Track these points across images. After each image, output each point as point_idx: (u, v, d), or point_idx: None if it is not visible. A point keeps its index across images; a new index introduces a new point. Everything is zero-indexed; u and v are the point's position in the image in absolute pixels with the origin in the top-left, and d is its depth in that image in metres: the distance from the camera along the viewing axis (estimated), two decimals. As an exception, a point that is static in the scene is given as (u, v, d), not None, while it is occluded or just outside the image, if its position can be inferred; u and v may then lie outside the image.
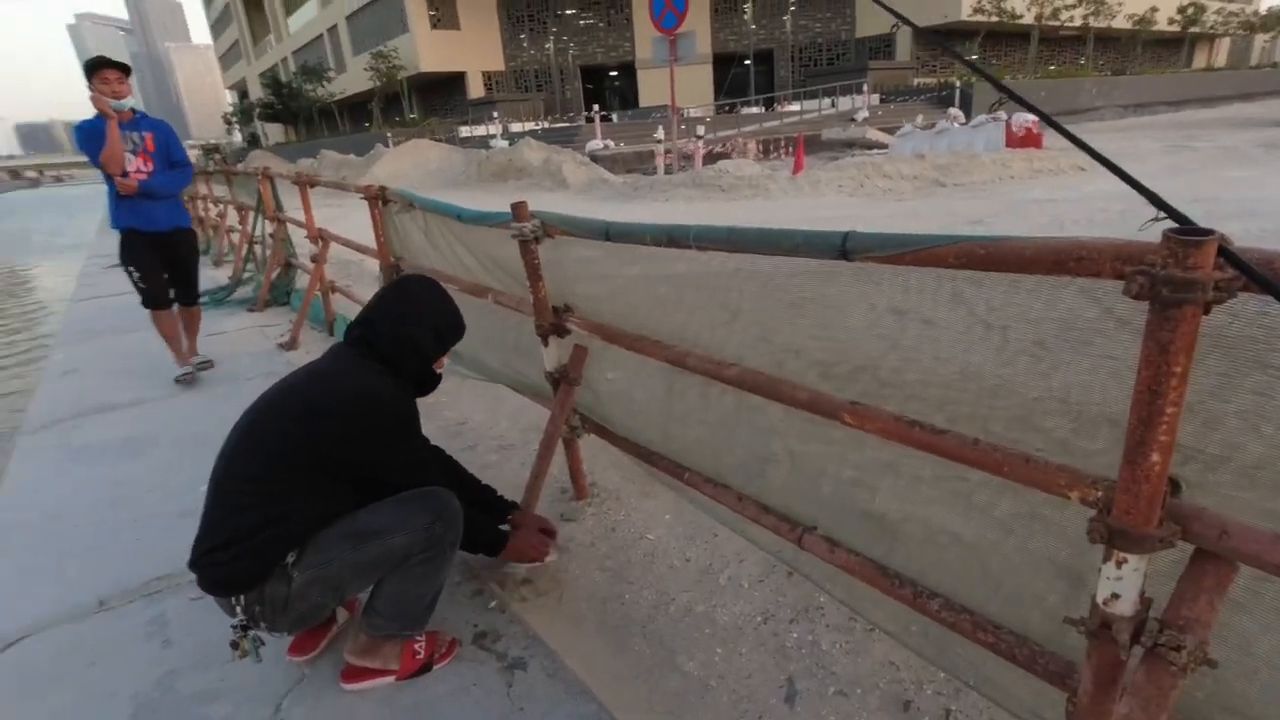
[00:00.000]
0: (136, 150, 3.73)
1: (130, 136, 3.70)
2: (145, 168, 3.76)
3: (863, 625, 1.79)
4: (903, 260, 1.05)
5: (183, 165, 3.97)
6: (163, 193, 3.84)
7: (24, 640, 1.93)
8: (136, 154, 3.73)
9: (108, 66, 3.56)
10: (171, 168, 3.89)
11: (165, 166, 3.85)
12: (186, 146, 4.30)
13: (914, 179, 12.35)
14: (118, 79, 3.59)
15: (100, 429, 3.47)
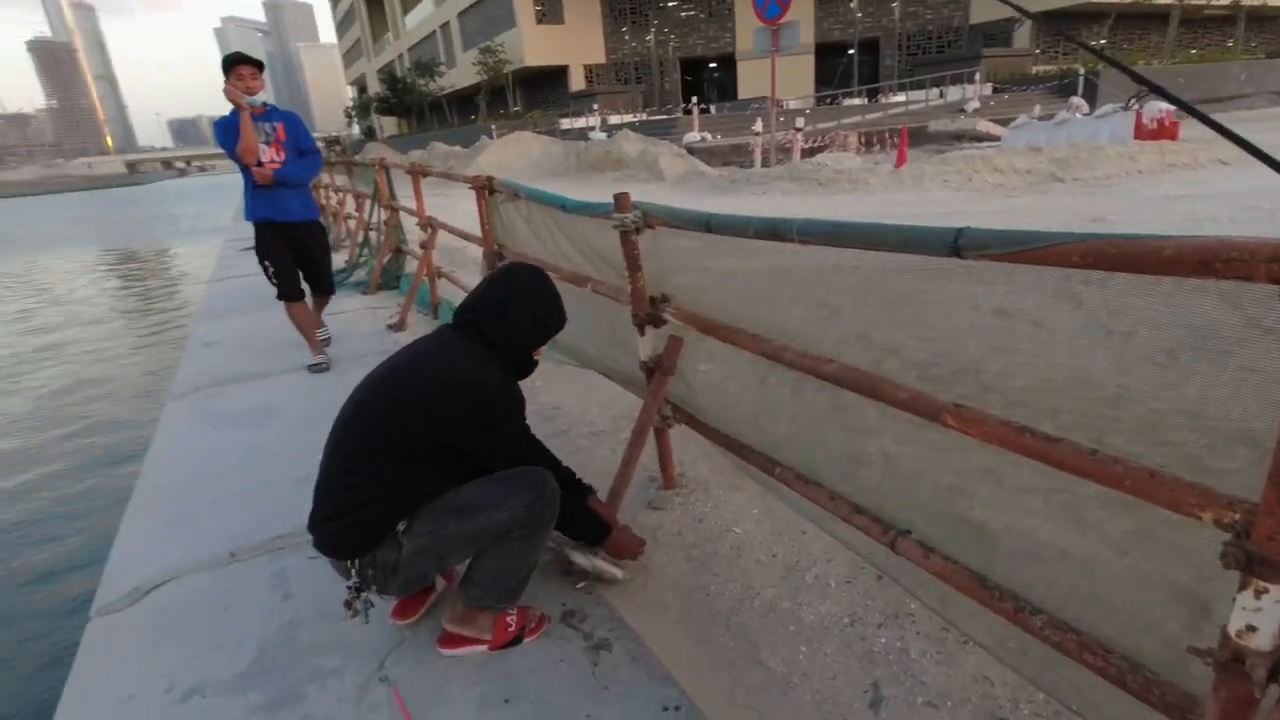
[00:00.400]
0: (270, 140, 3.83)
1: (263, 128, 3.81)
2: (278, 157, 3.87)
3: (955, 636, 1.73)
4: (1021, 258, 1.00)
5: (312, 153, 4.05)
6: (295, 180, 3.94)
7: (169, 583, 2.16)
8: (270, 144, 3.83)
9: (243, 63, 3.71)
10: (302, 156, 3.98)
11: (296, 155, 3.95)
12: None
13: (1027, 173, 11.60)
14: (251, 74, 3.72)
15: (232, 398, 3.80)
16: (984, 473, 1.38)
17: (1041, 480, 1.26)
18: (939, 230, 1.15)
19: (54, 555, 4.60)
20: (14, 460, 6.38)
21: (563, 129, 31.98)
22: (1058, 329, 1.17)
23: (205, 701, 1.68)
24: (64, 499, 5.47)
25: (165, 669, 1.79)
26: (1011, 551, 1.35)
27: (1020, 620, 1.25)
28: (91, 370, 9.29)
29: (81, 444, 6.62)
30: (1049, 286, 1.15)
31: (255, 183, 3.84)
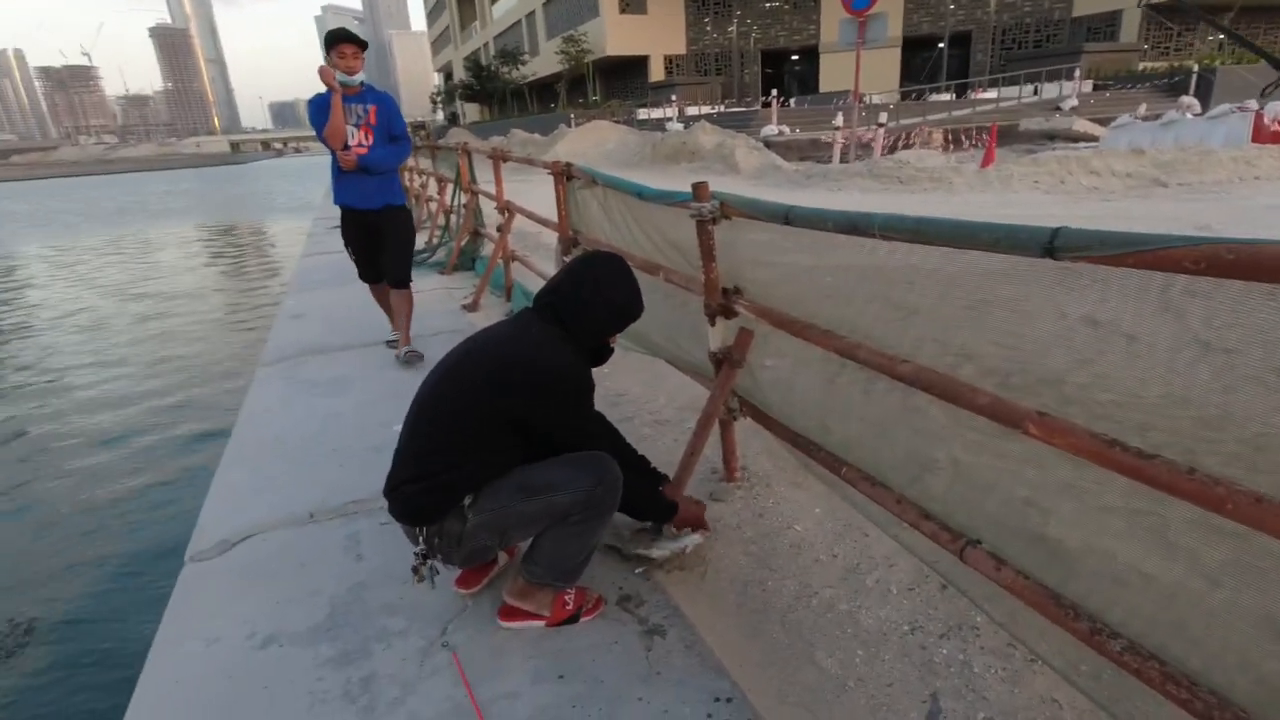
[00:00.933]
0: (359, 123, 3.68)
1: (354, 109, 3.65)
2: (366, 141, 3.73)
3: (1023, 654, 1.66)
4: (1123, 262, 0.95)
5: (402, 139, 3.89)
6: (380, 167, 3.78)
7: (253, 537, 2.30)
8: (359, 127, 3.69)
9: (346, 40, 3.54)
10: (391, 141, 3.84)
11: (385, 140, 3.80)
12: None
13: (1127, 176, 10.89)
14: (354, 53, 3.55)
15: (316, 367, 4.00)
16: (1062, 488, 1.32)
17: (1127, 500, 1.20)
18: (1032, 229, 1.11)
19: (157, 503, 4.97)
20: (121, 415, 6.90)
21: (640, 119, 32.03)
22: (1154, 342, 1.11)
23: (281, 650, 1.79)
24: (165, 452, 5.89)
25: (247, 616, 1.92)
26: (1090, 572, 1.28)
27: (1096, 643, 1.20)
28: (194, 333, 9.94)
29: (182, 404, 7.11)
30: (1148, 296, 1.08)
31: (339, 165, 3.75)
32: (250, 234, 22.83)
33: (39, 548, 4.53)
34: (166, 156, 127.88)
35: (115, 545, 4.46)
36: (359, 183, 3.80)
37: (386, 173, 3.89)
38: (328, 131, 3.59)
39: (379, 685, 1.65)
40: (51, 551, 4.47)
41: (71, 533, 4.68)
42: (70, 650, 3.50)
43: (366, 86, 3.72)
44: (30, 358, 9.33)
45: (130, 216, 30.50)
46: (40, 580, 4.15)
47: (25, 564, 4.36)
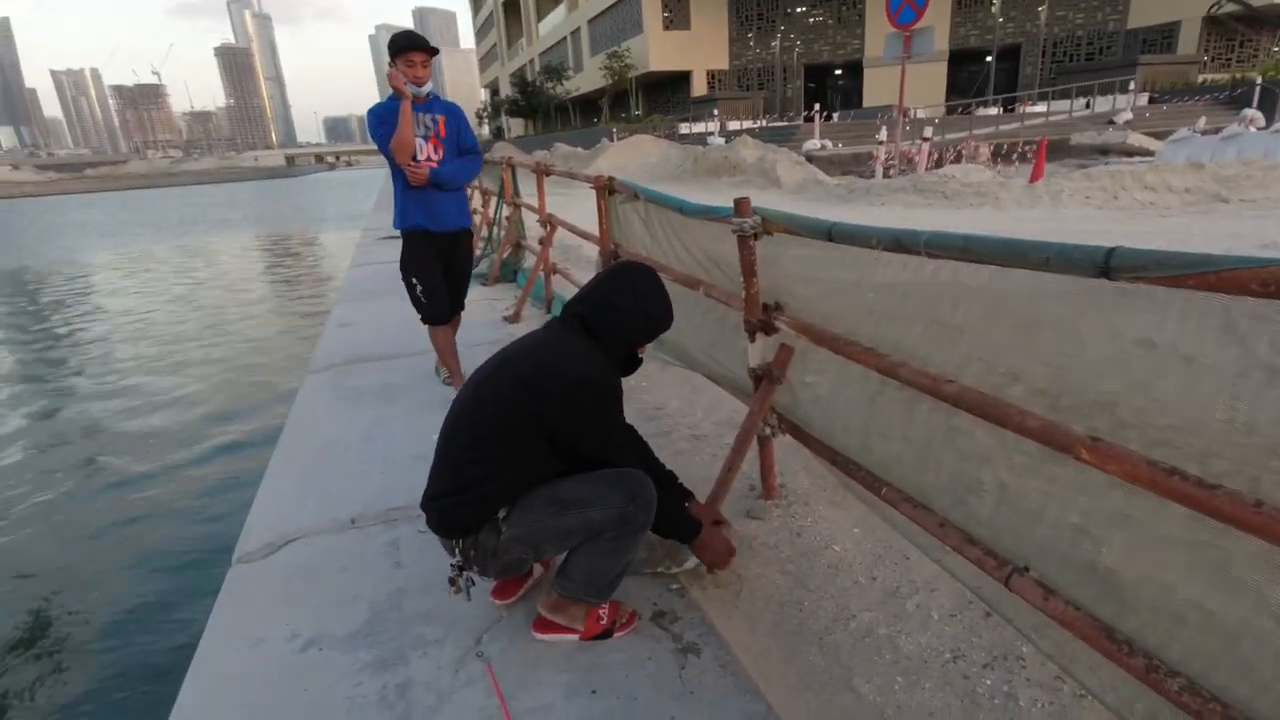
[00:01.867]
0: (428, 135, 3.32)
1: (423, 120, 3.29)
2: (436, 155, 3.34)
3: (1072, 688, 1.60)
4: (1184, 284, 0.92)
5: (473, 152, 3.51)
6: (452, 183, 3.42)
7: (297, 540, 2.36)
8: (428, 139, 3.32)
9: (416, 48, 3.16)
10: (461, 155, 3.47)
11: (455, 153, 3.44)
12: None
13: (1185, 192, 10.50)
14: (423, 62, 3.19)
15: (363, 376, 4.09)
16: (1117, 516, 1.27)
17: (1187, 531, 1.15)
18: (1086, 249, 1.07)
19: (207, 504, 5.14)
20: (178, 418, 7.16)
21: (681, 134, 32.19)
22: (1215, 366, 1.06)
23: (321, 654, 1.82)
24: (216, 455, 6.09)
25: (290, 619, 1.96)
26: (1146, 606, 1.23)
27: (1153, 681, 1.14)
28: (247, 340, 10.29)
29: (232, 408, 7.34)
30: (1210, 318, 1.04)
31: (407, 184, 3.34)
32: (302, 244, 23.59)
33: (90, 544, 4.72)
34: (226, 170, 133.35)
35: (165, 545, 4.62)
36: (432, 202, 3.40)
37: (458, 190, 3.54)
38: (395, 144, 3.19)
39: (415, 693, 1.67)
40: (102, 549, 4.65)
41: (122, 530, 4.86)
42: (118, 645, 3.62)
43: (434, 96, 3.36)
44: (88, 360, 9.76)
45: (191, 226, 31.82)
46: (91, 575, 4.32)
47: (78, 558, 4.54)
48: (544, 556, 1.82)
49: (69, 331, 11.81)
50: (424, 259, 3.49)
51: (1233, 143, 13.66)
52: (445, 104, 3.43)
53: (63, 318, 12.98)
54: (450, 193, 3.46)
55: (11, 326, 12.66)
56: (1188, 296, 1.03)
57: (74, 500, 5.44)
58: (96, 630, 3.76)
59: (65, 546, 4.72)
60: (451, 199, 3.49)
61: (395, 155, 3.23)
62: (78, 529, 4.95)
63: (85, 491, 5.60)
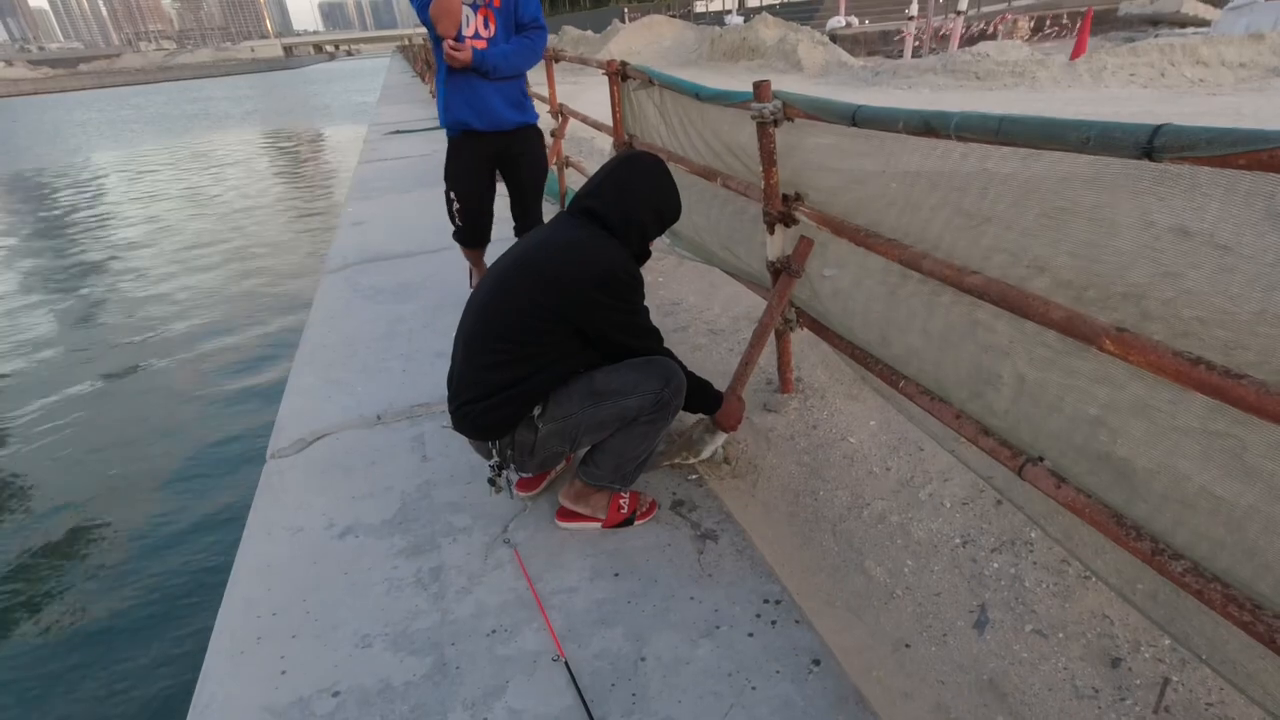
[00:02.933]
0: (478, 5, 2.66)
1: None
2: (485, 31, 2.69)
3: (1077, 570, 1.66)
4: (1233, 163, 0.87)
5: (534, 28, 2.81)
6: (506, 69, 2.75)
7: (328, 436, 2.44)
8: (477, 8, 2.66)
9: None
10: (519, 31, 2.79)
11: (510, 31, 2.76)
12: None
13: (1240, 67, 9.78)
14: None
15: (380, 274, 4.09)
16: (1135, 407, 1.27)
17: (1204, 422, 1.15)
18: (1129, 126, 1.01)
19: (236, 403, 5.31)
20: (199, 322, 7.28)
21: (697, 13, 30.22)
22: (1251, 254, 1.02)
23: (359, 541, 1.93)
24: (239, 354, 6.23)
25: (325, 509, 2.06)
26: (1157, 494, 1.25)
27: (1158, 563, 1.18)
28: (263, 239, 10.27)
29: (253, 309, 7.43)
30: (1243, 204, 0.99)
31: (449, 67, 2.70)
32: (309, 140, 23.01)
33: (128, 449, 4.93)
34: (224, 62, 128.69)
35: (200, 443, 4.81)
36: (480, 92, 2.75)
37: (515, 78, 2.85)
38: (434, 10, 2.55)
39: (448, 575, 1.77)
40: (140, 451, 4.86)
41: (157, 433, 5.06)
42: (166, 541, 3.86)
43: None
44: (105, 267, 9.84)
45: (196, 123, 31.08)
46: (131, 479, 4.54)
47: (117, 463, 4.76)
48: (580, 447, 1.84)
49: (84, 238, 11.83)
50: (467, 166, 2.85)
51: (1298, 9, 12.57)
52: None
53: (76, 224, 12.98)
54: (504, 81, 2.79)
55: (26, 232, 12.71)
56: (1232, 180, 0.98)
57: (108, 406, 5.64)
58: (144, 529, 3.99)
59: (103, 452, 4.94)
60: (505, 88, 2.81)
61: (435, 23, 2.58)
62: (114, 433, 5.15)
63: (117, 397, 5.79)
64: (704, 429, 2.11)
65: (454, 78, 2.70)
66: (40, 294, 8.88)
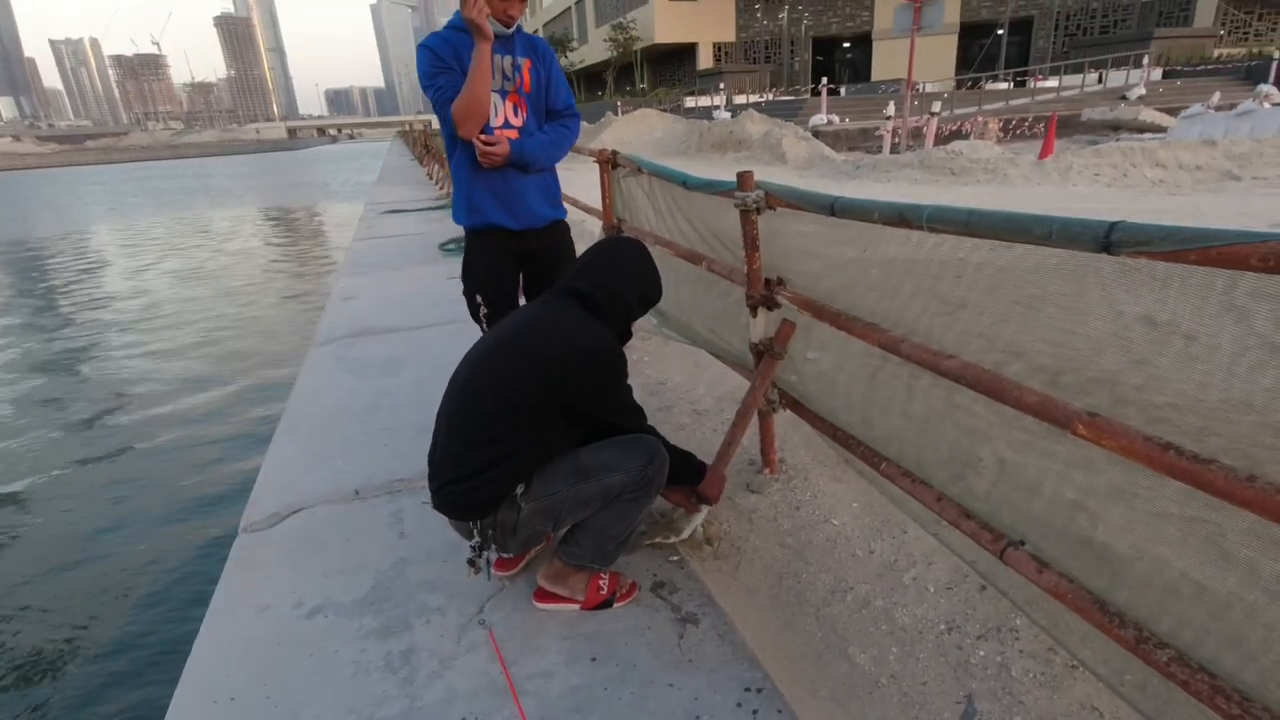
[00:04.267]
0: (506, 90, 2.29)
1: (501, 66, 2.24)
2: (515, 120, 2.33)
3: (1064, 659, 1.63)
4: (1185, 259, 0.92)
5: (568, 115, 2.49)
6: (544, 160, 2.41)
7: (304, 510, 2.39)
8: (506, 96, 2.29)
9: None
10: (549, 119, 2.45)
11: (541, 118, 2.42)
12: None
13: (1196, 169, 10.38)
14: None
15: (367, 347, 4.11)
16: (1113, 491, 1.28)
17: (1181, 506, 1.16)
18: (1088, 223, 1.07)
19: (214, 475, 5.20)
20: (183, 391, 7.21)
21: (687, 107, 31.80)
22: (1216, 344, 1.06)
23: (327, 621, 1.86)
24: (221, 425, 6.14)
25: (296, 586, 1.99)
26: (1139, 579, 1.25)
27: (1143, 652, 1.16)
28: (250, 314, 10.30)
29: (238, 380, 7.38)
30: (1210, 295, 1.04)
31: (475, 161, 2.32)
32: (306, 217, 23.52)
33: (99, 514, 4.78)
34: (229, 142, 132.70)
35: (173, 514, 4.67)
36: (514, 187, 2.38)
37: (546, 169, 2.49)
38: (462, 105, 2.16)
39: (418, 658, 1.71)
40: (112, 518, 4.71)
41: (131, 500, 4.92)
42: (128, 614, 3.69)
43: (517, 29, 2.29)
44: (95, 332, 9.80)
45: (196, 197, 31.74)
46: (100, 546, 4.38)
47: (87, 529, 4.60)
48: (563, 526, 1.82)
49: (74, 302, 11.84)
50: (496, 267, 2.46)
51: (1247, 119, 13.48)
52: (530, 39, 2.35)
53: (68, 288, 13.01)
54: (535, 173, 2.43)
55: (19, 297, 12.69)
56: (1188, 273, 1.03)
57: (82, 472, 5.50)
58: (108, 599, 3.82)
59: (75, 517, 4.79)
60: (541, 181, 2.46)
61: (459, 124, 2.19)
62: (87, 499, 5.02)
63: (93, 462, 5.66)
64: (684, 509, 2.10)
65: (479, 173, 2.34)
66: (23, 363, 8.79)
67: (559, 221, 2.58)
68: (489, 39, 2.10)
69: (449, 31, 2.23)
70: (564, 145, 2.45)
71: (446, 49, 2.19)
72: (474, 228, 2.45)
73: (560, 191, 2.61)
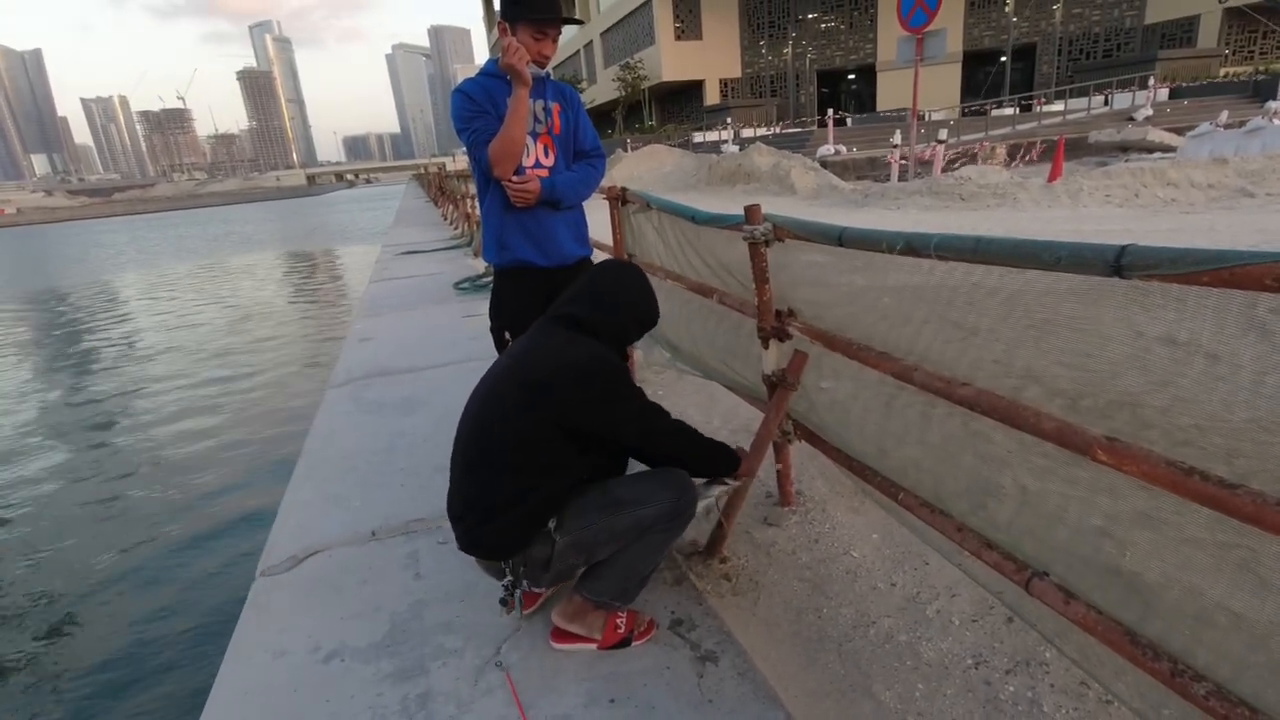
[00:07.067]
0: (538, 133, 2.37)
1: (533, 110, 2.32)
2: (546, 160, 2.41)
3: (1098, 693, 1.57)
4: (1198, 280, 0.91)
5: (595, 155, 2.56)
6: (573, 198, 2.48)
7: (320, 553, 2.38)
8: (537, 138, 2.38)
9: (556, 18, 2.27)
10: (577, 159, 2.52)
11: (569, 159, 2.50)
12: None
13: (1209, 188, 10.32)
14: (556, 36, 2.31)
15: (384, 388, 4.14)
16: (1140, 518, 1.25)
17: (1212, 532, 1.13)
18: (1097, 248, 1.07)
19: (233, 518, 5.22)
20: (202, 434, 7.29)
21: (695, 142, 32.27)
22: (1239, 364, 1.05)
23: (344, 665, 1.84)
24: (239, 468, 6.18)
25: (312, 630, 1.98)
26: (1171, 609, 1.21)
27: (1179, 686, 1.12)
28: (268, 357, 10.45)
29: (256, 422, 7.45)
30: (1228, 314, 1.03)
31: (506, 201, 2.38)
32: (324, 261, 23.96)
33: (117, 557, 4.81)
34: (250, 190, 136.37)
35: (191, 558, 4.69)
36: (545, 225, 2.44)
37: (575, 207, 2.56)
38: (499, 147, 2.24)
39: (435, 703, 1.68)
40: (129, 562, 4.73)
41: (148, 544, 4.95)
42: (146, 656, 3.68)
43: (545, 74, 2.38)
44: (113, 376, 9.96)
45: (217, 246, 32.47)
46: (118, 589, 4.39)
47: (105, 571, 4.62)
48: (595, 560, 1.78)
49: (96, 346, 12.07)
50: (525, 304, 2.41)
51: (1257, 136, 13.43)
52: (557, 85, 2.44)
53: (90, 333, 13.28)
54: (565, 211, 2.49)
55: (43, 343, 12.97)
56: (1205, 291, 1.02)
57: (100, 515, 5.54)
58: (125, 641, 3.82)
59: (93, 560, 4.81)
60: (570, 219, 2.53)
61: (495, 163, 2.26)
62: (105, 542, 5.05)
63: (110, 505, 5.70)
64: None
65: (510, 212, 2.40)
66: (39, 403, 8.94)
67: (586, 259, 2.63)
68: (528, 85, 2.19)
69: (483, 78, 2.34)
70: (592, 183, 2.54)
71: (482, 94, 2.28)
72: (504, 266, 2.51)
73: (588, 230, 2.67)
